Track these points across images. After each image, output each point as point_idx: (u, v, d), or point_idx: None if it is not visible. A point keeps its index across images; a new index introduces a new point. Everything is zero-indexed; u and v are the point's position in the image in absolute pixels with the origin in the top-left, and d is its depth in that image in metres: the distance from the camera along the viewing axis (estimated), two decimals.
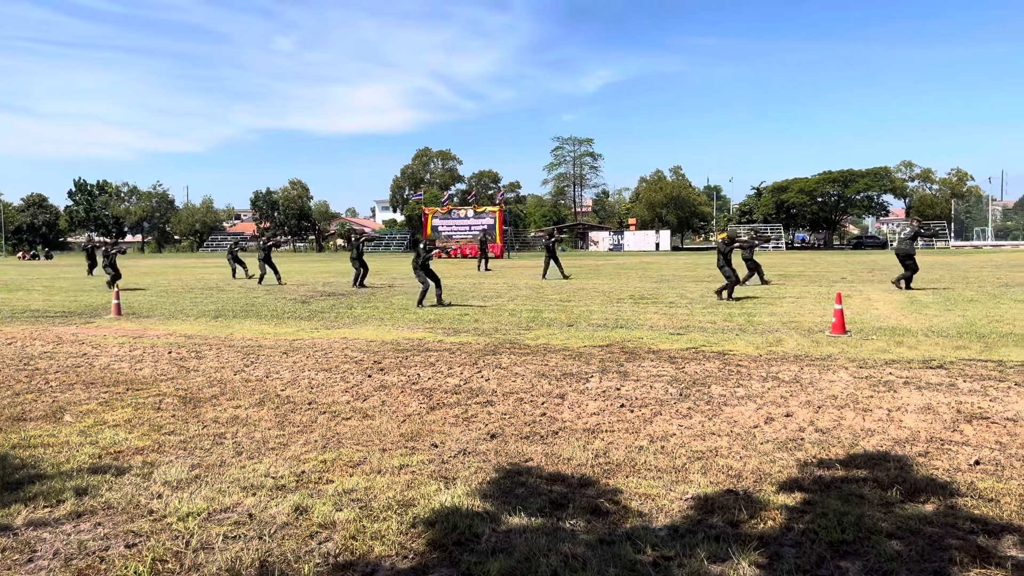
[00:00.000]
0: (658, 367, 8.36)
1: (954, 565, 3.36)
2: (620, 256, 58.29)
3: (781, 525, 3.85)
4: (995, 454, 4.99)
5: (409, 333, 11.58)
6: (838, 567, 3.37)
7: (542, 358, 9.06)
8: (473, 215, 62.84)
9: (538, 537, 3.70)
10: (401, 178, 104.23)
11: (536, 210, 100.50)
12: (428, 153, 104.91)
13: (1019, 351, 8.93)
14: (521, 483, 4.56)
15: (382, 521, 3.98)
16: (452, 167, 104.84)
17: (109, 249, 22.62)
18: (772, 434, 5.59)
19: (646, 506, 4.16)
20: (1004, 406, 6.27)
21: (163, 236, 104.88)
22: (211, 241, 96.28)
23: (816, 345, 9.72)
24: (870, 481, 4.49)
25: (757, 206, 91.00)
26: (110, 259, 22.04)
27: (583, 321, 12.84)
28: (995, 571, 3.30)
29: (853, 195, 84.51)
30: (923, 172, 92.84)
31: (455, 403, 6.75)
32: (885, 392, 6.88)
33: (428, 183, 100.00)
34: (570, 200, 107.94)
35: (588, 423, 6.00)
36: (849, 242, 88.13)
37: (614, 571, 3.34)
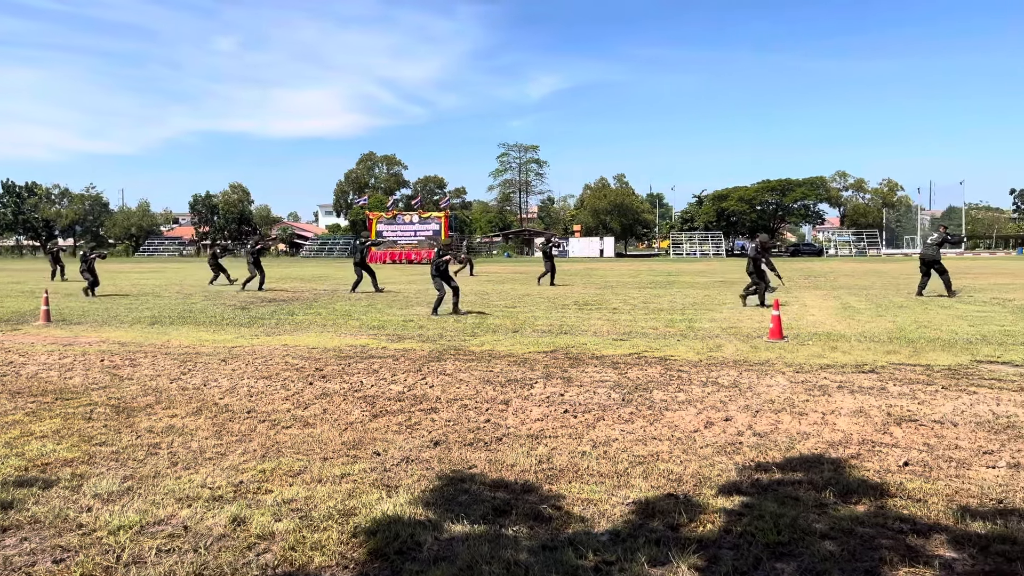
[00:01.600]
0: (601, 373, 8.43)
1: (885, 564, 3.46)
2: (565, 262, 58.69)
3: (720, 528, 3.92)
4: (923, 455, 5.16)
5: (352, 340, 11.45)
6: (774, 568, 3.45)
7: (487, 364, 9.05)
8: (418, 220, 62.59)
9: (480, 544, 3.69)
10: (345, 182, 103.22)
11: (482, 216, 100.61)
12: (373, 158, 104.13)
13: (946, 355, 9.27)
14: (464, 490, 4.54)
15: (322, 531, 3.92)
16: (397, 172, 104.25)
17: (88, 253, 21.64)
18: (712, 438, 5.68)
19: (588, 511, 4.18)
20: (932, 409, 6.50)
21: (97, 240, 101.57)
22: (148, 245, 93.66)
23: (754, 350, 9.94)
24: (805, 483, 4.60)
25: (699, 214, 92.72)
26: (88, 264, 20.98)
27: (528, 327, 12.88)
28: (924, 570, 3.41)
29: (790, 204, 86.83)
30: (856, 182, 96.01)
31: (398, 410, 6.70)
32: (820, 396, 7.07)
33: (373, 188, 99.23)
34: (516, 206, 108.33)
35: (532, 429, 6.02)
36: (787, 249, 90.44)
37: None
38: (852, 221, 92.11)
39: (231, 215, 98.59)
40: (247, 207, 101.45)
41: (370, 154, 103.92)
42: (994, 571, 3.38)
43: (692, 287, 24.24)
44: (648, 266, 47.94)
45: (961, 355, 9.29)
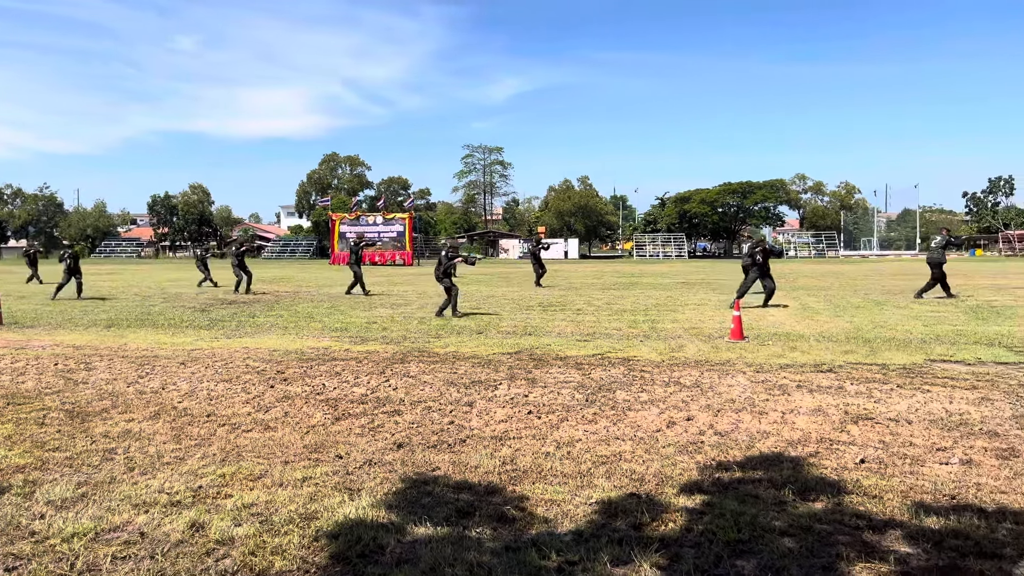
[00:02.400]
0: (565, 373, 8.46)
1: (841, 560, 3.53)
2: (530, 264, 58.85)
3: (681, 527, 3.95)
4: (879, 453, 5.27)
5: (314, 342, 11.34)
6: (734, 565, 3.49)
7: (451, 366, 9.02)
8: (382, 222, 62.20)
9: (444, 547, 3.68)
10: (308, 183, 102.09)
11: (446, 217, 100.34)
12: (336, 158, 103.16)
13: (901, 355, 9.48)
14: (428, 492, 4.52)
15: (283, 535, 3.87)
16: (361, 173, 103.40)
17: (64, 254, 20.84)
18: (674, 438, 5.74)
19: (552, 512, 4.19)
20: (887, 407, 6.64)
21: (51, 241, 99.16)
22: (104, 247, 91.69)
23: (716, 351, 10.05)
24: (765, 481, 4.67)
25: (661, 216, 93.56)
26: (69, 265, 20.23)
27: (492, 329, 12.88)
28: (879, 565, 3.48)
29: (751, 206, 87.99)
30: (815, 185, 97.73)
31: (361, 413, 6.65)
32: (780, 395, 7.17)
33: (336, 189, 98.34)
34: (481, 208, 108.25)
35: (496, 430, 6.01)
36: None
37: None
38: (811, 223, 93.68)
39: (191, 216, 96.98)
40: (207, 208, 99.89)
41: (333, 155, 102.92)
42: (948, 566, 3.46)
43: (655, 288, 24.46)
44: (612, 267, 48.24)
45: (915, 354, 9.50)
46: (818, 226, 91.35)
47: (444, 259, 15.42)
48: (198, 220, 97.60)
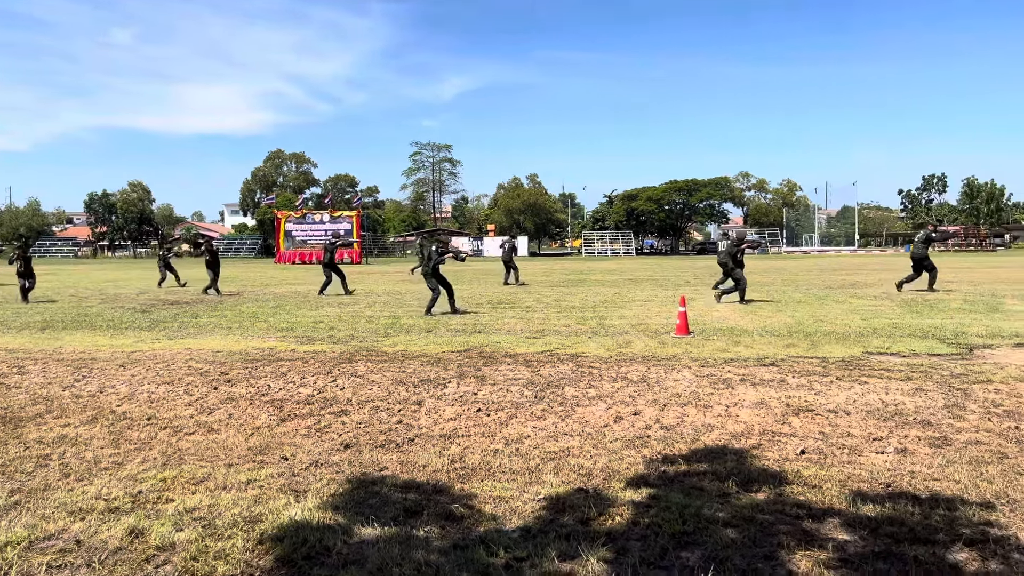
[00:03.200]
0: (514, 371, 8.48)
1: (782, 549, 3.61)
2: (479, 262, 58.78)
3: (628, 520, 4.00)
4: (819, 444, 5.41)
5: (259, 342, 11.14)
6: (679, 557, 3.54)
7: (399, 365, 8.96)
8: (329, 219, 61.43)
9: (391, 546, 3.65)
10: (252, 181, 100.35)
11: (395, 215, 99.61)
12: (281, 155, 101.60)
13: (840, 348, 9.74)
14: (375, 493, 4.49)
15: (227, 539, 3.79)
16: (307, 170, 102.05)
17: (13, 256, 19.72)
18: (621, 432, 5.79)
19: (500, 509, 4.20)
20: (827, 399, 6.81)
21: None
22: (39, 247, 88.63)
23: (662, 346, 10.19)
24: (709, 474, 4.74)
25: (609, 213, 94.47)
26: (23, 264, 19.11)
27: (442, 327, 12.83)
28: (818, 552, 3.57)
29: (697, 203, 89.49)
30: (759, 182, 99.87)
31: (307, 414, 6.56)
32: (724, 389, 7.30)
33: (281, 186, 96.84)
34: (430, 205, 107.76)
35: (445, 429, 5.99)
36: (693, 248, 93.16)
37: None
38: (755, 220, 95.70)
39: (130, 215, 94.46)
40: (148, 206, 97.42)
41: (278, 152, 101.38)
42: (883, 551, 3.57)
43: (603, 285, 24.67)
44: (561, 265, 48.53)
45: (854, 347, 9.77)
46: (761, 223, 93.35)
47: (434, 255, 15.09)
48: (138, 219, 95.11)
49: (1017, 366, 8.25)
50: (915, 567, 3.38)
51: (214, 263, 21.51)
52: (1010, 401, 6.57)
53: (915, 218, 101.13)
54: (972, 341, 10.14)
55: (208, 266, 21.46)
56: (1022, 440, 5.37)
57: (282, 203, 77.07)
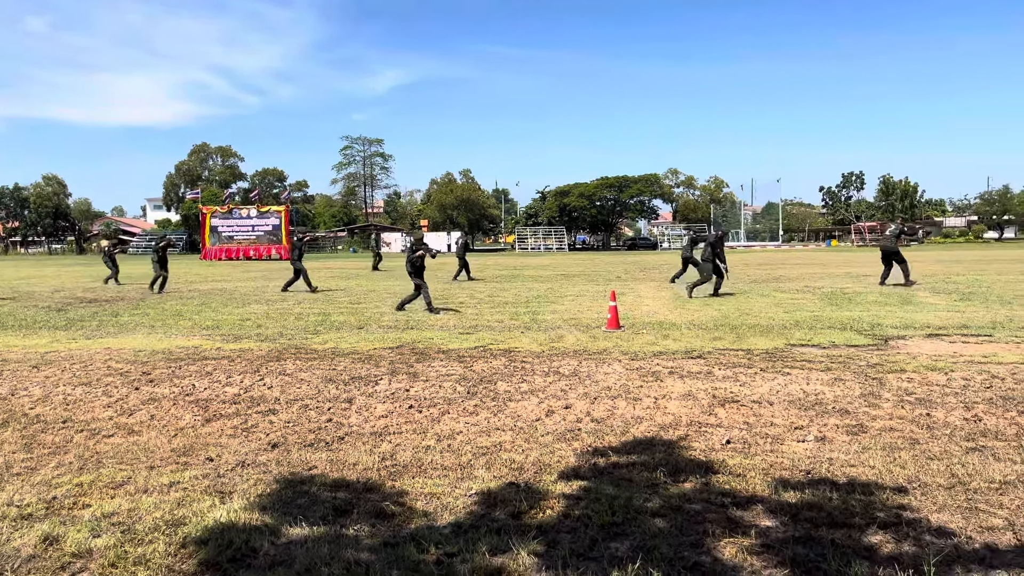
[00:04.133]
0: (447, 366, 8.45)
1: (709, 536, 3.70)
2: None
3: (559, 513, 4.03)
4: (743, 434, 5.56)
5: (183, 341, 10.82)
6: (608, 547, 3.59)
7: (329, 362, 8.83)
8: (257, 215, 60.12)
9: (320, 546, 3.59)
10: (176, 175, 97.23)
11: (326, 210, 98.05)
12: (206, 149, 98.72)
13: (764, 340, 10.03)
14: (304, 492, 4.41)
15: (147, 544, 3.67)
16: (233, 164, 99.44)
17: None
18: (552, 426, 5.84)
19: (431, 505, 4.18)
20: (751, 390, 7.00)
21: None
22: None
23: (593, 340, 10.31)
24: (639, 465, 4.82)
25: (542, 209, 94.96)
26: None
27: (373, 323, 12.69)
28: (742, 539, 3.67)
29: (627, 199, 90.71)
30: (687, 179, 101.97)
31: (234, 413, 6.40)
32: (653, 382, 7.43)
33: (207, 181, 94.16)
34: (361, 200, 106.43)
35: (376, 426, 5.93)
36: (624, 243, 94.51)
37: (398, 573, 3.33)
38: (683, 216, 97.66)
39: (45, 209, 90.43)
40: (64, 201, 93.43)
41: (203, 145, 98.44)
42: (803, 536, 3.69)
43: (536, 280, 24.81)
44: (494, 260, 48.56)
45: (777, 339, 10.07)
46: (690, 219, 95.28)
47: (410, 253, 14.70)
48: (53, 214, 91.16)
49: (928, 355, 8.64)
50: (833, 550, 3.50)
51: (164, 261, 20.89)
52: (921, 389, 6.88)
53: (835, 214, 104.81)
54: (887, 332, 10.57)
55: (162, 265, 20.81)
56: (933, 426, 5.63)
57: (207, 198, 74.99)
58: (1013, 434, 5.38)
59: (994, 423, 5.68)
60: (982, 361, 8.23)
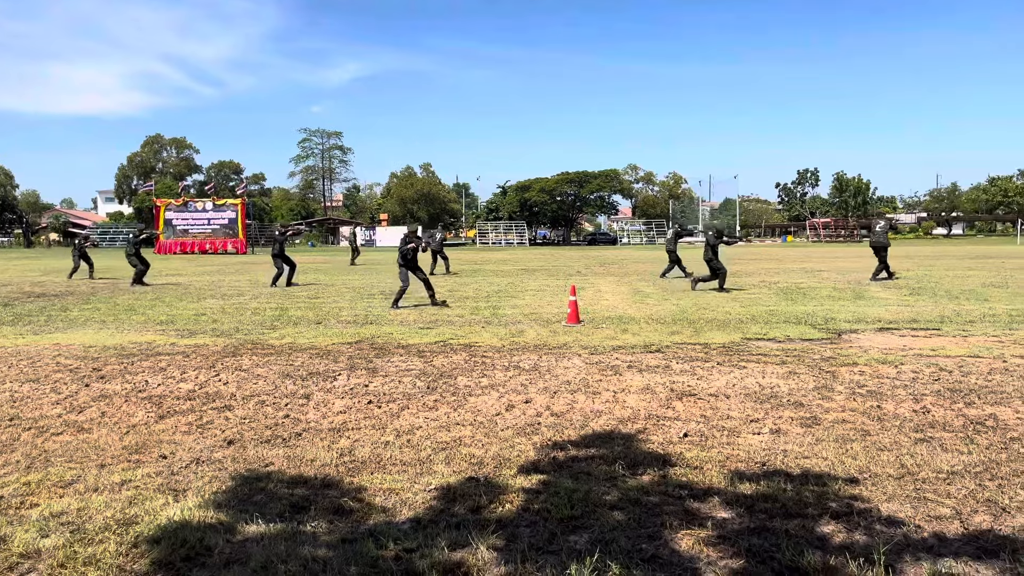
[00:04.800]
0: (407, 361, 8.41)
1: (666, 528, 3.74)
2: (372, 252, 57.93)
3: (518, 507, 4.04)
4: (700, 426, 5.63)
5: (136, 336, 10.59)
6: (567, 541, 3.61)
7: (287, 358, 8.72)
8: (212, 208, 59.10)
9: (276, 543, 3.55)
10: (128, 167, 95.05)
11: (283, 204, 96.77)
12: (160, 140, 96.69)
13: (721, 334, 10.17)
14: (260, 489, 4.35)
15: (98, 544, 3.59)
16: (188, 156, 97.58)
17: None
18: (512, 421, 5.85)
19: (390, 501, 4.15)
20: (708, 383, 7.10)
21: None
22: None
23: (554, 335, 10.35)
24: (598, 459, 4.86)
25: (503, 204, 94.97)
26: None
27: (332, 318, 12.57)
28: (699, 531, 3.71)
29: (588, 195, 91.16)
30: (646, 175, 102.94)
31: (188, 410, 6.28)
32: (612, 376, 7.49)
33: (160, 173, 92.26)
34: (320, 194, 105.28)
35: (334, 422, 5.88)
36: (584, 238, 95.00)
37: (355, 570, 3.30)
38: (643, 211, 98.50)
39: None
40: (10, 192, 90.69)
41: (157, 136, 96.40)
42: (758, 527, 3.75)
43: (497, 275, 24.81)
44: (455, 255, 48.36)
45: (734, 334, 10.22)
46: (649, 214, 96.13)
47: (402, 245, 14.64)
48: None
49: (879, 349, 8.85)
50: (786, 541, 3.56)
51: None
52: (872, 382, 7.03)
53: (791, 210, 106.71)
54: (840, 326, 10.80)
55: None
56: (883, 418, 5.76)
57: (161, 190, 73.51)
58: (960, 425, 5.53)
59: (942, 415, 5.84)
60: (930, 354, 8.45)
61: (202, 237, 57.81)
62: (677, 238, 22.36)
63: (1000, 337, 9.61)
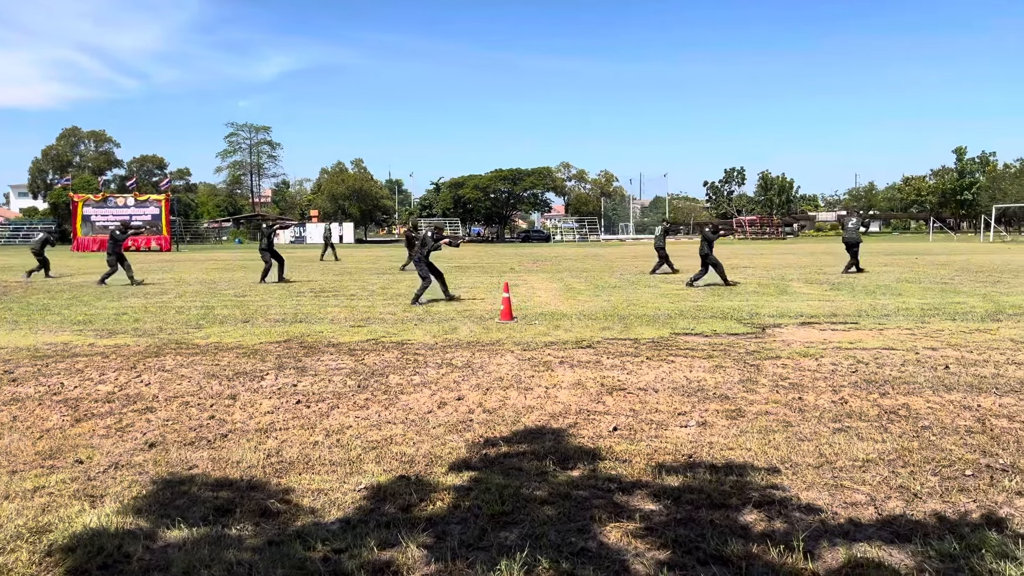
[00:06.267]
0: (337, 360, 8.29)
1: (595, 522, 3.78)
2: (301, 249, 56.86)
3: (449, 504, 4.03)
4: (629, 420, 5.71)
5: (51, 337, 10.15)
6: (498, 537, 3.62)
7: (212, 357, 8.49)
8: (134, 203, 57.09)
9: (200, 548, 3.45)
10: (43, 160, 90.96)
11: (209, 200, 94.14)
12: (77, 133, 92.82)
13: (650, 330, 10.35)
14: (183, 493, 4.22)
15: (9, 553, 3.43)
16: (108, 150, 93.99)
17: None
18: (444, 418, 5.83)
19: (319, 502, 4.09)
20: (638, 378, 7.21)
21: None
22: None
23: (487, 331, 10.35)
24: (529, 454, 4.88)
25: (437, 200, 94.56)
26: None
27: (260, 316, 12.30)
28: (627, 523, 3.77)
29: (521, 192, 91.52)
30: (579, 173, 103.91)
31: (107, 412, 6.06)
32: (544, 371, 7.54)
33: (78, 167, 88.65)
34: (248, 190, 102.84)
35: (261, 423, 5.75)
36: (518, 236, 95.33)
37: (282, 572, 3.24)
38: (575, 209, 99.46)
39: None
40: None
41: (73, 129, 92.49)
42: (684, 518, 3.83)
43: None
44: (388, 252, 47.99)
45: (663, 329, 10.41)
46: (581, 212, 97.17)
47: (429, 240, 14.57)
48: None
49: (801, 342, 9.15)
50: (711, 530, 3.65)
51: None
52: (795, 375, 7.27)
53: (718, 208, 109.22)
54: (764, 321, 11.12)
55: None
56: (804, 409, 5.96)
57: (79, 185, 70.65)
58: (875, 415, 5.76)
59: (858, 405, 6.07)
60: (849, 347, 8.78)
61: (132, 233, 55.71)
62: (666, 235, 22.96)
63: (913, 330, 10.05)
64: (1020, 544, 3.45)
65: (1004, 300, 13.58)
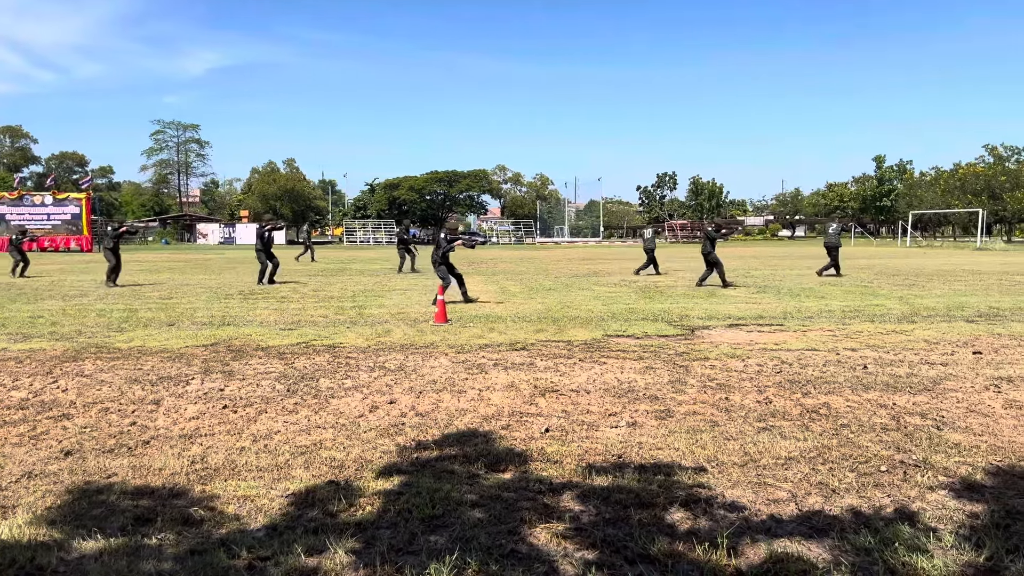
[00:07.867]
0: (266, 364, 8.12)
1: (524, 524, 3.80)
2: (231, 250, 55.57)
3: (378, 509, 3.99)
4: (561, 421, 5.76)
5: None
6: (428, 541, 3.60)
7: (135, 362, 8.22)
8: (53, 202, 54.86)
9: (117, 559, 3.34)
10: None
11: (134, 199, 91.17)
12: None
13: (583, 332, 10.45)
14: (100, 502, 4.07)
15: None
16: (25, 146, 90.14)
17: None
18: (376, 422, 5.77)
19: (244, 508, 4.00)
20: (570, 379, 7.28)
21: None
22: None
23: (421, 334, 10.30)
24: (460, 457, 4.87)
25: (371, 201, 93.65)
26: None
27: (186, 319, 11.96)
28: (556, 524, 3.80)
29: (457, 194, 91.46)
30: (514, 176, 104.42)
31: (20, 420, 5.80)
32: (478, 374, 7.54)
33: None
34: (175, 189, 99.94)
35: (185, 429, 5.59)
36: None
37: None
38: (511, 211, 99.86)
39: None
40: None
41: None
42: (613, 518, 3.88)
43: (363, 274, 24.43)
44: (321, 253, 47.24)
45: (595, 331, 10.54)
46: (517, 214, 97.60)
47: (443, 242, 14.32)
48: None
49: (728, 344, 9.38)
50: (639, 529, 3.71)
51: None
52: (722, 375, 7.45)
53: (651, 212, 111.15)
54: (693, 323, 11.36)
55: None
56: (730, 409, 6.11)
57: None
58: (798, 414, 5.95)
59: (782, 404, 6.26)
60: (774, 348, 9.04)
61: (41, 234, 53.46)
62: (656, 237, 23.31)
63: (835, 331, 10.41)
64: (931, 537, 3.61)
65: (919, 302, 14.19)
